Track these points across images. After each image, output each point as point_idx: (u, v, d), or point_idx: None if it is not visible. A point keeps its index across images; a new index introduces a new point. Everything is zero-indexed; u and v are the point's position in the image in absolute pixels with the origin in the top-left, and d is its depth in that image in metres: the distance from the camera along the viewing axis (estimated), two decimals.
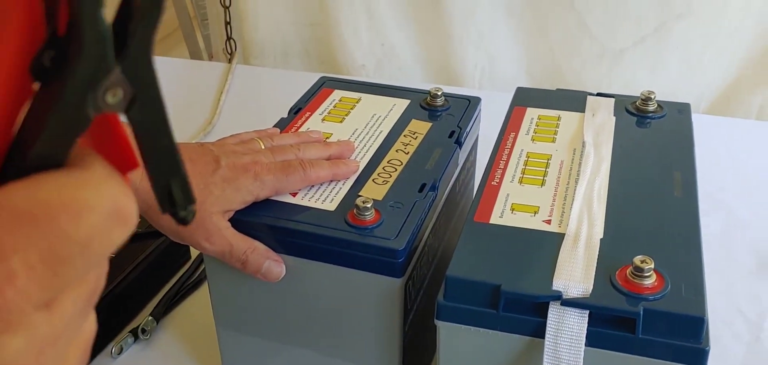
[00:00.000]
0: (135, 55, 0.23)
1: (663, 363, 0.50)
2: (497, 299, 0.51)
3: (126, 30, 0.23)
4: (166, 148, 0.26)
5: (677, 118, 0.73)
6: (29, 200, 0.22)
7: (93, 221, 0.23)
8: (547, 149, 0.68)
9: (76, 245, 0.23)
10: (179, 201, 0.27)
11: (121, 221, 0.24)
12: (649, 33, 1.24)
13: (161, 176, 0.26)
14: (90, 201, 0.23)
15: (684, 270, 0.52)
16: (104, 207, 0.23)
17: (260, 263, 0.60)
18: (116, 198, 0.24)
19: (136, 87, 0.24)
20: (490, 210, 0.59)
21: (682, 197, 0.61)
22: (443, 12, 1.32)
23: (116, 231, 0.24)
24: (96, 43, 0.22)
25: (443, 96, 0.77)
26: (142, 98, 0.24)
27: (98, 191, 0.23)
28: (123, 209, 0.24)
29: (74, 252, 0.23)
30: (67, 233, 0.23)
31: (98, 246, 0.23)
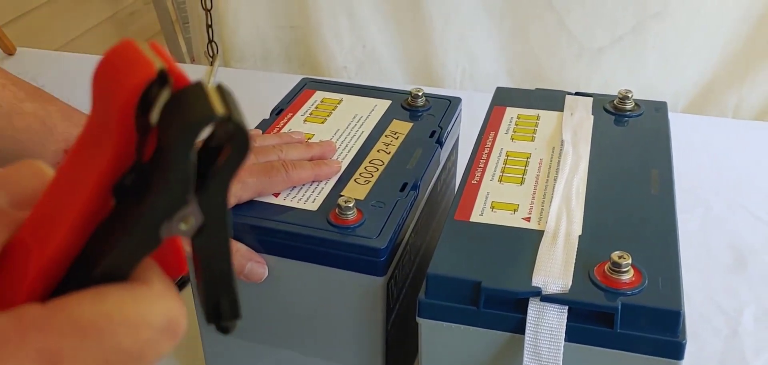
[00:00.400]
0: (212, 193, 0.25)
1: (641, 357, 0.50)
2: (478, 296, 0.52)
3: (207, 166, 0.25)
4: (223, 272, 0.28)
5: (654, 116, 0.74)
6: (93, 311, 0.23)
7: (148, 336, 0.24)
8: (526, 148, 0.69)
9: (130, 357, 0.24)
10: (226, 316, 0.29)
11: (172, 335, 0.25)
12: (627, 32, 1.25)
13: (213, 293, 0.28)
14: (148, 317, 0.24)
15: (661, 266, 0.53)
16: (160, 322, 0.25)
17: (242, 265, 0.60)
18: (171, 314, 0.25)
19: (208, 219, 0.26)
20: (470, 209, 0.60)
21: (659, 194, 0.62)
22: (424, 14, 1.33)
23: (165, 344, 0.25)
24: (179, 181, 0.24)
25: (424, 96, 0.78)
26: (210, 228, 0.26)
27: (156, 307, 0.25)
28: (176, 324, 0.25)
29: (127, 363, 0.24)
30: (123, 347, 0.24)
31: (149, 357, 0.24)
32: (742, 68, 1.25)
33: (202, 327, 0.69)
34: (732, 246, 0.92)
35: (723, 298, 0.84)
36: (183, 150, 0.23)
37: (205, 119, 0.23)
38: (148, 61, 0.24)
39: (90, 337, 0.23)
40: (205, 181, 0.25)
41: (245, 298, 0.63)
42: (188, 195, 0.25)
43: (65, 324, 0.23)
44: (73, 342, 0.23)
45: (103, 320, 0.23)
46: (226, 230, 0.26)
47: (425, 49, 1.37)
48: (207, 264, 0.27)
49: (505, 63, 1.36)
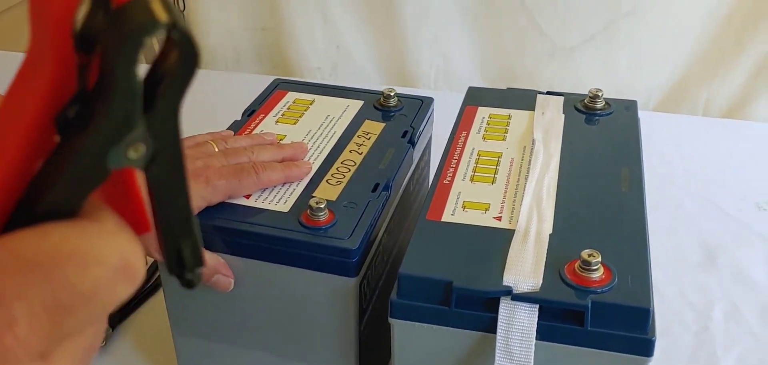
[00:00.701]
0: (162, 113, 0.23)
1: (612, 354, 0.51)
2: (449, 295, 0.52)
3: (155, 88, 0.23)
4: (181, 209, 0.26)
5: (624, 115, 0.74)
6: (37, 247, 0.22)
7: (99, 273, 0.23)
8: (497, 147, 0.69)
9: (80, 296, 0.23)
10: (188, 264, 0.27)
11: (127, 276, 0.24)
12: (599, 31, 1.26)
13: (173, 237, 0.26)
14: (98, 253, 0.23)
15: (631, 263, 0.53)
16: (112, 260, 0.23)
17: (209, 276, 0.60)
18: (124, 253, 0.24)
19: (159, 144, 0.24)
20: (442, 209, 0.60)
21: (630, 192, 0.62)
22: (397, 14, 1.33)
23: (121, 286, 0.24)
24: (126, 99, 0.22)
25: (396, 97, 0.78)
26: (163, 156, 0.24)
27: (107, 244, 0.23)
28: (131, 264, 0.24)
29: (78, 303, 0.23)
30: (72, 283, 0.22)
31: (102, 299, 0.23)
32: (711, 66, 1.27)
33: (174, 331, 0.69)
34: (702, 243, 0.93)
35: (693, 294, 0.85)
36: (126, 64, 0.22)
37: (147, 26, 0.21)
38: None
39: (35, 274, 0.22)
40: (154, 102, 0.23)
41: (218, 300, 0.63)
42: (135, 117, 0.23)
43: (8, 261, 0.22)
44: (18, 280, 0.22)
45: (48, 256, 0.22)
46: (180, 159, 0.25)
47: (399, 49, 1.37)
48: (163, 201, 0.25)
49: (479, 62, 1.37)
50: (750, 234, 0.94)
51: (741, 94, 1.27)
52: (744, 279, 0.87)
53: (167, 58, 0.23)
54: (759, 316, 0.81)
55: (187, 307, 0.66)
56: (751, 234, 0.94)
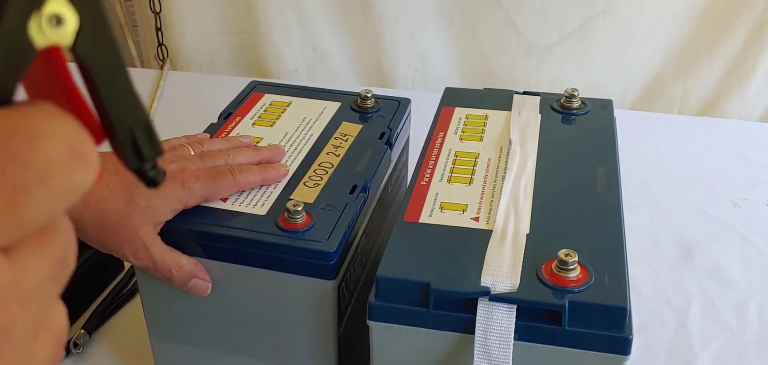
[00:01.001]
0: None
1: (589, 353, 0.51)
2: (427, 297, 0.52)
3: None
4: (122, 88, 0.24)
5: (600, 114, 0.75)
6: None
7: (49, 151, 0.21)
8: (474, 148, 0.69)
9: (33, 172, 0.21)
10: (146, 152, 0.25)
11: (80, 158, 0.22)
12: (574, 30, 1.27)
13: (123, 123, 0.24)
14: (43, 129, 0.21)
15: (607, 262, 0.54)
16: (60, 138, 0.22)
17: (186, 280, 0.60)
18: (72, 133, 0.22)
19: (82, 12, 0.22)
20: (419, 210, 0.60)
21: (606, 191, 0.63)
22: (374, 14, 1.33)
23: (77, 170, 0.22)
24: None
25: (373, 98, 0.78)
26: (88, 27, 0.23)
27: (53, 122, 0.22)
28: (81, 146, 0.22)
29: (32, 181, 0.21)
30: (22, 157, 0.21)
31: (58, 180, 0.21)
32: (686, 63, 1.28)
33: (152, 336, 0.68)
34: (679, 240, 0.94)
35: (671, 291, 0.85)
36: None
37: None
38: None
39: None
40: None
41: (195, 304, 0.63)
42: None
43: None
44: None
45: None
46: (108, 27, 0.23)
47: (376, 50, 1.37)
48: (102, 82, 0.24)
49: (456, 62, 1.37)
50: (726, 231, 0.95)
51: (715, 91, 1.29)
52: (720, 276, 0.88)
53: None
54: (735, 312, 0.82)
55: (164, 312, 0.66)
56: (727, 230, 0.95)
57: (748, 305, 0.83)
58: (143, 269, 0.61)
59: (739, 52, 1.24)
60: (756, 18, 1.21)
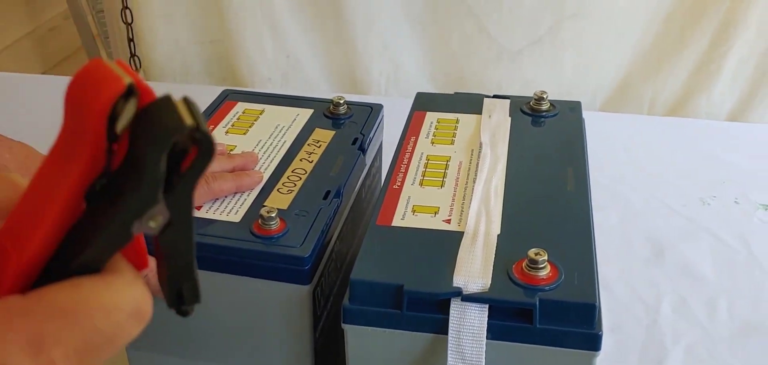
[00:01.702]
0: (179, 194, 0.28)
1: (561, 350, 0.52)
2: (401, 299, 0.52)
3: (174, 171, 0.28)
4: (187, 261, 0.30)
5: (569, 116, 0.76)
6: (71, 298, 0.27)
7: (119, 319, 0.27)
8: (446, 151, 0.70)
9: (104, 338, 0.27)
10: (187, 300, 0.32)
11: (139, 318, 0.28)
12: (544, 33, 1.28)
13: (176, 281, 0.31)
14: (119, 303, 0.27)
15: (576, 261, 0.54)
16: (129, 307, 0.28)
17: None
18: (139, 301, 0.28)
19: (174, 217, 0.28)
20: (392, 213, 0.61)
21: (575, 191, 0.63)
22: (346, 22, 1.34)
23: (134, 327, 0.28)
24: (152, 183, 0.27)
25: (346, 104, 0.79)
26: (177, 225, 0.29)
27: (127, 294, 0.28)
28: (143, 309, 0.29)
29: (102, 344, 0.27)
30: (99, 328, 0.27)
31: (120, 339, 0.28)
32: (654, 64, 1.30)
33: (127, 347, 0.68)
34: (650, 239, 0.95)
35: (643, 289, 0.87)
36: (156, 156, 0.26)
37: (177, 129, 0.26)
38: (117, 76, 0.26)
39: (69, 320, 0.26)
40: (170, 183, 0.28)
41: (171, 315, 0.63)
42: (158, 197, 0.27)
43: (47, 310, 0.26)
44: (55, 326, 0.26)
45: (81, 305, 0.26)
46: (190, 227, 0.29)
47: (349, 57, 1.38)
48: (172, 257, 0.30)
49: (429, 68, 1.38)
50: (696, 229, 0.97)
51: (683, 91, 1.31)
52: (691, 273, 0.89)
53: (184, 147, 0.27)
54: (706, 308, 0.84)
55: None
56: (697, 228, 0.97)
57: (718, 301, 0.85)
58: None
59: (705, 53, 1.26)
60: (720, 19, 1.23)
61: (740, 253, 0.92)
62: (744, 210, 1.00)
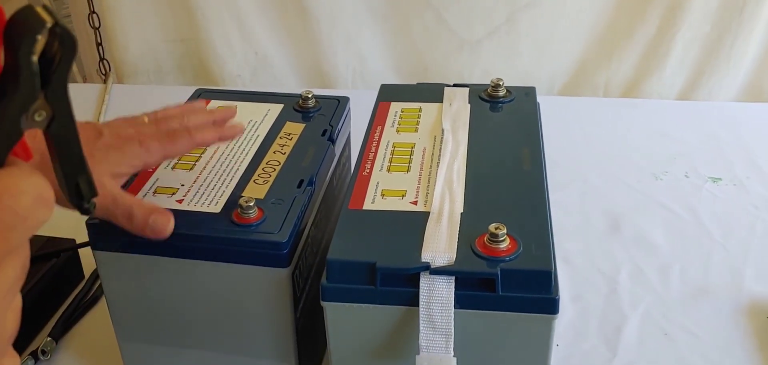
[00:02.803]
0: (56, 87, 0.33)
1: (522, 315, 0.55)
2: (374, 275, 0.56)
3: (48, 69, 0.32)
4: (76, 154, 0.35)
5: (524, 101, 0.79)
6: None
7: (27, 200, 0.32)
8: (410, 138, 0.73)
9: (17, 217, 0.31)
10: (86, 194, 0.36)
11: (44, 203, 0.32)
12: (501, 23, 1.31)
13: (71, 175, 0.35)
14: (23, 188, 0.32)
15: (533, 233, 0.58)
16: (33, 190, 0.32)
17: (146, 216, 0.59)
18: (40, 186, 0.32)
19: (56, 110, 0.33)
20: (362, 198, 0.64)
21: (531, 169, 0.67)
22: (310, 18, 1.35)
23: (41, 211, 0.32)
24: (29, 79, 0.31)
25: (314, 98, 0.81)
26: (59, 118, 0.33)
27: (28, 181, 0.32)
28: (45, 195, 0.32)
29: (17, 222, 0.31)
30: (11, 208, 0.31)
31: (31, 220, 0.32)
32: (607, 50, 1.34)
33: (119, 338, 0.71)
34: (607, 213, 0.99)
35: (602, 261, 0.91)
36: (27, 55, 0.31)
37: (40, 26, 0.31)
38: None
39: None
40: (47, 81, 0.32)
41: (159, 302, 0.66)
42: (37, 91, 0.32)
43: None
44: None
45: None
46: (72, 118, 0.34)
47: (315, 52, 1.40)
48: (62, 150, 0.35)
49: (392, 60, 1.40)
50: (649, 202, 1.01)
51: (635, 73, 1.34)
52: (646, 243, 0.93)
53: (52, 47, 0.32)
54: (660, 275, 0.88)
55: (129, 313, 0.68)
56: (650, 202, 1.01)
57: (671, 268, 0.89)
58: (101, 213, 0.60)
59: (655, 37, 1.30)
60: (666, 5, 1.27)
61: (690, 223, 0.97)
62: (694, 183, 1.05)
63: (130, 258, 0.64)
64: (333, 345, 0.60)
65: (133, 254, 0.64)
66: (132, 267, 0.65)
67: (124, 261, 0.65)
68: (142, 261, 0.64)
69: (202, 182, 0.69)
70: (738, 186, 1.04)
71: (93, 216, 0.39)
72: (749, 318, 0.82)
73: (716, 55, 1.30)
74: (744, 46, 1.28)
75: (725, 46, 1.29)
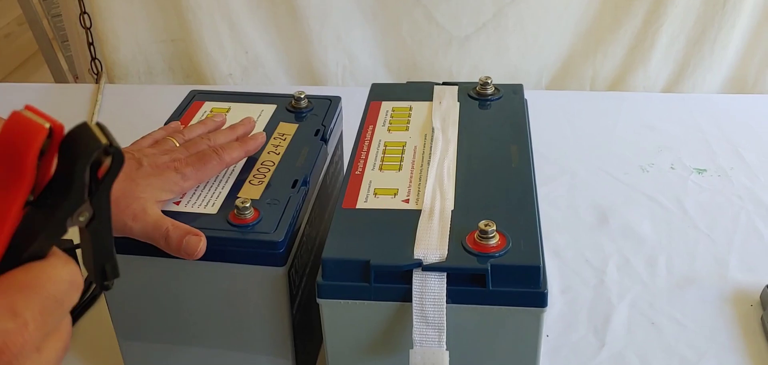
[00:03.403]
0: (100, 194, 0.37)
1: (512, 309, 0.57)
2: (368, 273, 0.57)
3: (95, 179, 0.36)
4: (107, 246, 0.40)
5: (512, 98, 0.80)
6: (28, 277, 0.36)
7: (65, 287, 0.36)
8: (401, 137, 0.75)
9: (56, 302, 0.36)
10: (110, 276, 0.41)
11: (76, 287, 0.37)
12: (489, 19, 1.32)
13: (100, 261, 0.40)
14: (61, 276, 0.36)
15: (522, 229, 0.60)
16: (68, 278, 0.37)
17: (181, 237, 0.61)
18: (73, 274, 0.37)
19: (97, 211, 0.37)
20: (356, 197, 0.66)
21: (519, 166, 0.68)
22: (300, 16, 1.36)
23: (75, 294, 0.37)
24: (80, 191, 0.36)
25: (306, 98, 0.83)
26: (99, 218, 0.38)
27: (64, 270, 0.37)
28: (78, 280, 0.37)
29: (55, 307, 0.36)
30: (51, 294, 0.35)
31: (67, 304, 0.37)
32: (593, 44, 1.35)
33: (120, 337, 0.72)
34: (595, 206, 1.00)
35: (590, 253, 0.92)
36: (82, 169, 0.35)
37: (96, 147, 0.35)
38: (38, 125, 0.34)
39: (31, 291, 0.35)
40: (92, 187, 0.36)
41: (159, 301, 0.67)
42: (85, 199, 0.36)
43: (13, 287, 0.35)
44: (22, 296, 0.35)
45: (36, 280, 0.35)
46: (109, 218, 0.38)
47: (306, 51, 1.40)
48: (96, 243, 0.39)
49: (382, 57, 1.41)
50: (636, 194, 1.03)
51: (621, 67, 1.36)
52: (633, 235, 0.95)
53: (103, 162, 0.36)
54: (646, 266, 0.90)
55: (130, 312, 0.70)
56: (637, 193, 1.03)
57: (657, 258, 0.91)
58: (140, 235, 0.62)
59: (640, 30, 1.31)
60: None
61: (676, 215, 0.98)
62: (679, 175, 1.07)
63: (129, 258, 0.65)
64: (329, 341, 0.62)
65: (132, 255, 0.65)
66: (131, 268, 0.66)
67: (123, 262, 0.64)
68: (141, 261, 0.65)
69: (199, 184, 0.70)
70: (722, 177, 1.06)
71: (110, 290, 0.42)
72: (734, 306, 0.83)
73: (700, 48, 1.31)
74: (727, 39, 1.30)
75: (709, 39, 1.30)
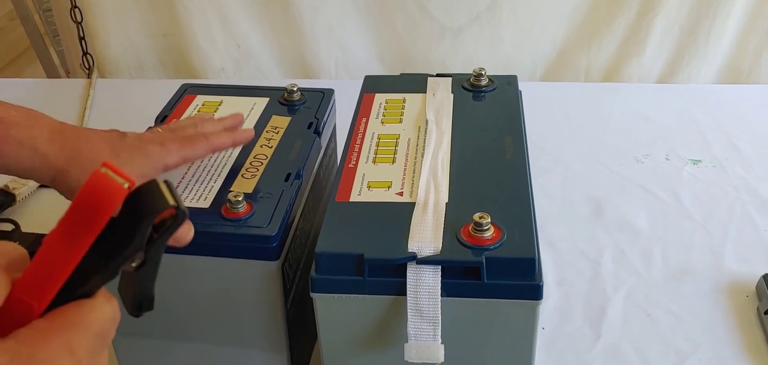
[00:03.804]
0: (157, 246, 0.38)
1: (507, 302, 0.57)
2: (362, 266, 0.57)
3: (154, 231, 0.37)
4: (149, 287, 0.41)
5: (506, 89, 0.80)
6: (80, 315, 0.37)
7: (106, 325, 0.38)
8: (395, 130, 0.74)
9: (101, 339, 0.38)
10: (145, 308, 0.42)
11: (116, 323, 0.39)
12: (483, 11, 1.32)
13: (139, 299, 0.41)
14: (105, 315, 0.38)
15: (516, 221, 0.59)
16: (111, 316, 0.38)
17: None
18: (115, 312, 0.39)
19: (148, 259, 0.38)
20: (349, 190, 0.65)
21: (513, 158, 0.68)
22: (293, 9, 1.36)
23: (114, 330, 0.39)
24: (140, 243, 0.36)
25: (299, 91, 0.82)
26: (149, 264, 0.39)
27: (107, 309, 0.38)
28: (117, 317, 0.39)
29: (101, 343, 0.38)
30: (97, 332, 0.37)
31: (108, 338, 0.39)
32: (587, 35, 1.35)
33: None
34: (590, 198, 1.01)
35: (585, 245, 0.92)
36: (146, 226, 0.36)
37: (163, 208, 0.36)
38: (118, 186, 0.35)
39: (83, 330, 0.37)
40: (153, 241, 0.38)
41: (157, 304, 0.66)
42: (142, 249, 0.37)
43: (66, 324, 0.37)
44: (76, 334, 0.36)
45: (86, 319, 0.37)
46: (157, 266, 0.39)
47: (298, 43, 1.40)
48: (140, 283, 0.40)
49: (376, 49, 1.41)
50: (631, 186, 1.03)
51: (615, 58, 1.36)
52: (628, 226, 0.95)
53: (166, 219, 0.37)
54: (641, 257, 0.90)
55: (122, 308, 0.69)
56: (632, 185, 1.03)
57: (652, 250, 0.91)
58: None
59: (634, 22, 1.32)
60: None
61: (671, 206, 0.99)
62: (674, 166, 1.07)
63: None
64: (323, 335, 0.61)
65: None
66: None
67: None
68: None
69: (191, 178, 0.69)
70: (717, 168, 1.06)
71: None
72: (729, 297, 0.84)
73: (695, 38, 1.31)
74: (721, 29, 1.30)
75: (703, 29, 1.30)
